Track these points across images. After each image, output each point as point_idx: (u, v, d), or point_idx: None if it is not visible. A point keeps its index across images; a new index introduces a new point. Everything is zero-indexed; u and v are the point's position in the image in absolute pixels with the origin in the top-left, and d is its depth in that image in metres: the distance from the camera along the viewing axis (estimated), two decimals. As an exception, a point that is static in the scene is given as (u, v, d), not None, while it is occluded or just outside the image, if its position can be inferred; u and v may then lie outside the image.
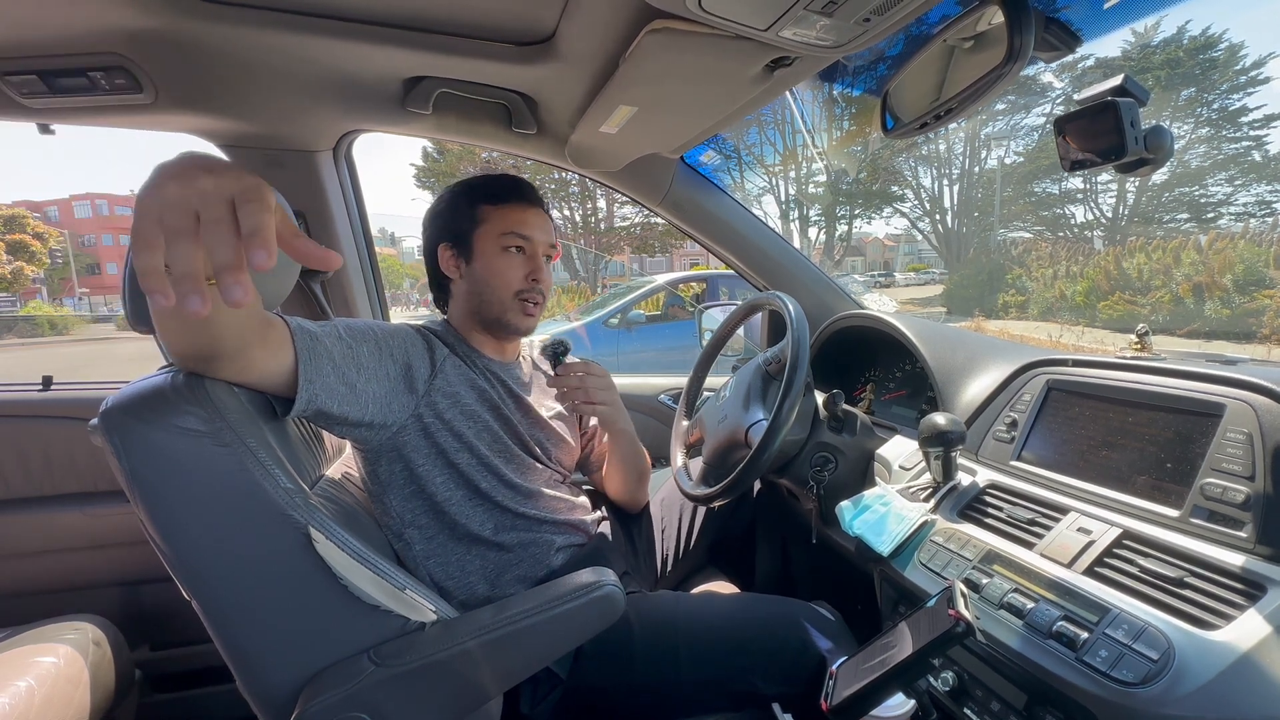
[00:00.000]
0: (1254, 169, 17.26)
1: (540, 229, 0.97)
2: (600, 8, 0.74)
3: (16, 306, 19.68)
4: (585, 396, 0.97)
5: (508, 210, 0.96)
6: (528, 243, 0.96)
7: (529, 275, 0.96)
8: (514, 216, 0.95)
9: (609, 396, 1.00)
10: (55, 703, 0.85)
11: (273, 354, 0.69)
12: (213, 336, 0.61)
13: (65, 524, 1.26)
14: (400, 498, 0.89)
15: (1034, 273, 14.61)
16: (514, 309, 0.96)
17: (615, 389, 1.02)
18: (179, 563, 0.63)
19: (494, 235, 0.95)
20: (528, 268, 0.96)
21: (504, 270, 0.95)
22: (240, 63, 0.92)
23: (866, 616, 1.00)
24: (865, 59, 0.90)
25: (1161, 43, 17.41)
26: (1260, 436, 0.61)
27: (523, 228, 0.95)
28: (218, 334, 0.61)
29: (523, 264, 0.96)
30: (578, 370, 0.98)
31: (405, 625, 0.69)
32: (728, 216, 1.39)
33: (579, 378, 0.97)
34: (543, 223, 0.98)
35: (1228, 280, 10.34)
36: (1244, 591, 0.55)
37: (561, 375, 0.98)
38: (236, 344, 0.64)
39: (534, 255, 0.97)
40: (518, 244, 0.95)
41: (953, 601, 0.56)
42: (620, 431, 1.06)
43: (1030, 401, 0.87)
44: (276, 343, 0.70)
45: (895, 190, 23.32)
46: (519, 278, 0.95)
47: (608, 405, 1.00)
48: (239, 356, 0.65)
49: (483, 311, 0.97)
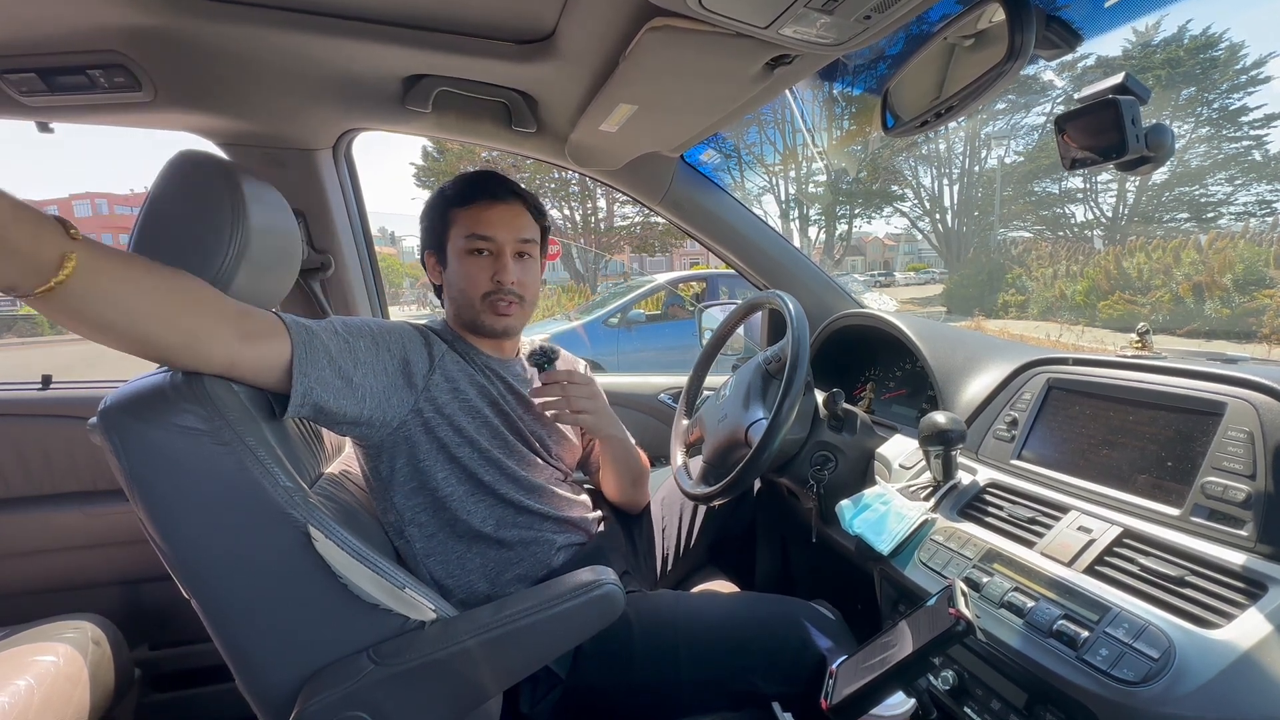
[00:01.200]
0: (1254, 168, 17.24)
1: (505, 226, 0.94)
2: (600, 6, 0.74)
3: (16, 306, 19.67)
4: (568, 406, 0.95)
5: (471, 211, 0.94)
6: (490, 243, 0.94)
7: (493, 276, 0.94)
8: (476, 217, 0.94)
9: (592, 405, 0.98)
10: (54, 702, 0.85)
11: (263, 345, 0.69)
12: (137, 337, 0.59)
13: (64, 523, 1.25)
14: (401, 494, 0.89)
15: (1034, 272, 14.60)
16: (484, 311, 0.95)
17: (601, 396, 1.01)
18: (178, 561, 0.63)
19: (459, 239, 0.94)
20: (492, 269, 0.94)
21: (469, 273, 0.94)
22: (240, 61, 0.91)
23: (866, 615, 1.00)
24: (865, 57, 0.90)
25: (1162, 42, 17.40)
26: (1261, 435, 0.61)
27: (484, 228, 0.93)
28: (139, 334, 0.59)
29: (487, 265, 0.94)
30: (559, 379, 0.96)
31: (405, 624, 0.69)
32: (728, 216, 1.39)
33: (560, 387, 0.95)
34: (509, 218, 0.95)
35: (1228, 280, 10.33)
36: (1245, 590, 0.55)
37: (543, 387, 0.96)
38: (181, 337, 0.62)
39: (499, 254, 0.94)
40: (478, 246, 0.94)
41: (953, 600, 0.56)
42: (609, 437, 1.04)
43: (1030, 400, 0.87)
44: (266, 333, 0.70)
45: (895, 190, 23.30)
46: (485, 280, 0.94)
47: (591, 414, 0.98)
48: (200, 349, 0.64)
49: (461, 315, 0.97)
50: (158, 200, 0.68)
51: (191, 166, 0.70)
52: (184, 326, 0.62)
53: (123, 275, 0.58)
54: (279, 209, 0.78)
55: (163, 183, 0.69)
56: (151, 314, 0.60)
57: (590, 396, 0.98)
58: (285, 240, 0.79)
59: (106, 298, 0.57)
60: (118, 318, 0.58)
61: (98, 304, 0.57)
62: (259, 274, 0.72)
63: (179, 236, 0.66)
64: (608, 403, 1.03)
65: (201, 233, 0.66)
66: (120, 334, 0.59)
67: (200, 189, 0.68)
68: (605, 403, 1.02)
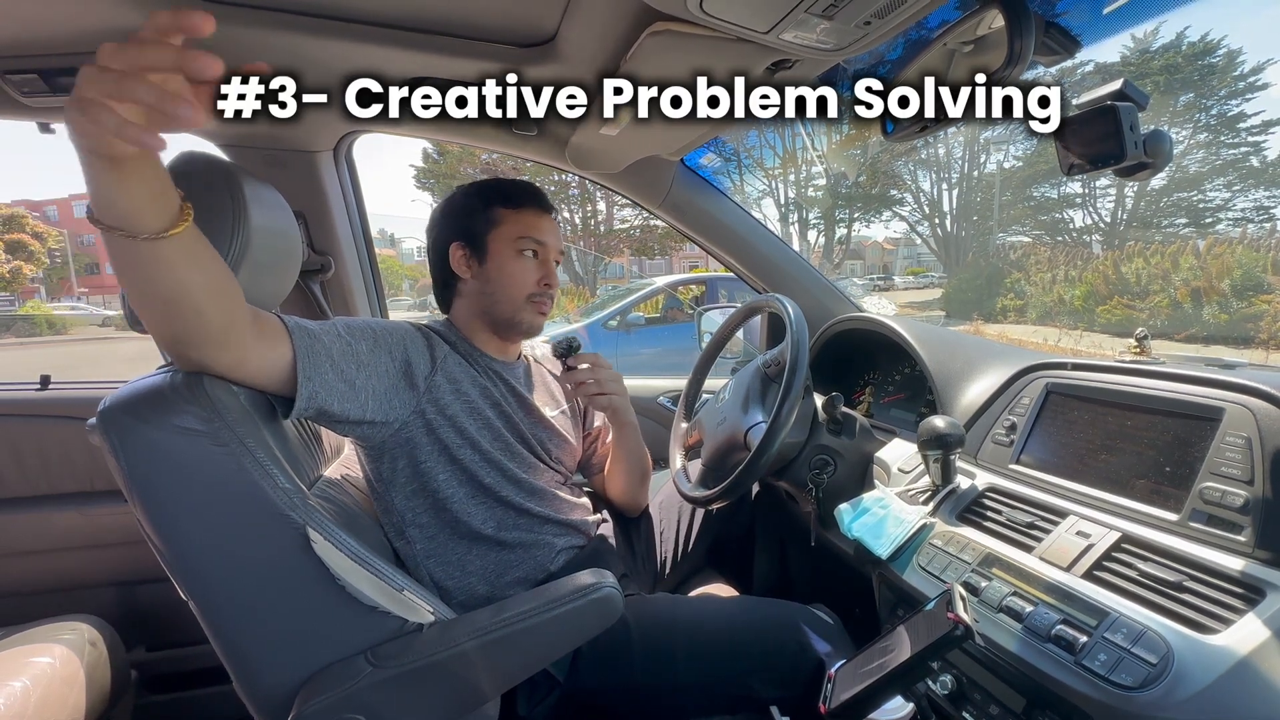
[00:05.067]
0: (1252, 174, 17.29)
1: (553, 235, 0.99)
2: (601, 9, 0.74)
3: (15, 306, 19.66)
4: (597, 388, 0.99)
5: (523, 215, 0.97)
6: (541, 247, 0.98)
7: (541, 279, 0.98)
8: (529, 221, 0.97)
9: (618, 387, 1.02)
10: (50, 703, 0.84)
11: (269, 347, 0.69)
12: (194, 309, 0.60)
13: (62, 523, 1.25)
14: (402, 495, 0.89)
15: (1032, 277, 14.62)
16: (527, 310, 0.98)
17: (623, 382, 1.04)
18: (176, 563, 0.63)
19: (509, 238, 0.96)
20: (541, 272, 0.98)
21: (518, 273, 0.96)
22: (241, 62, 0.91)
23: (865, 620, 1.00)
24: (865, 62, 0.90)
25: (1160, 48, 17.44)
26: (1259, 440, 0.61)
27: (538, 233, 0.97)
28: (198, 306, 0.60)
29: (536, 268, 0.98)
30: (587, 362, 1.01)
31: (403, 626, 0.69)
32: (727, 219, 1.39)
33: (588, 369, 1.00)
34: (554, 229, 1.00)
35: (1226, 285, 10.35)
36: (1243, 595, 0.55)
37: (573, 370, 1.01)
38: (222, 322, 0.63)
39: (546, 260, 0.99)
40: (533, 248, 0.97)
41: (951, 604, 0.56)
42: (628, 424, 1.07)
43: (1029, 405, 0.87)
44: (271, 335, 0.70)
45: (894, 194, 23.36)
46: (532, 281, 0.97)
47: (619, 395, 1.03)
48: (228, 341, 0.64)
49: (494, 311, 0.97)
50: None
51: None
52: (228, 308, 0.63)
53: (208, 245, 0.61)
54: (280, 210, 0.78)
55: None
56: (214, 287, 0.61)
57: (615, 379, 1.03)
58: (286, 241, 0.79)
59: (195, 258, 0.59)
60: (193, 281, 0.59)
61: (187, 262, 0.58)
62: (260, 275, 0.72)
63: None
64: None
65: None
66: (183, 297, 0.60)
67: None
68: (627, 390, 1.05)
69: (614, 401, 1.02)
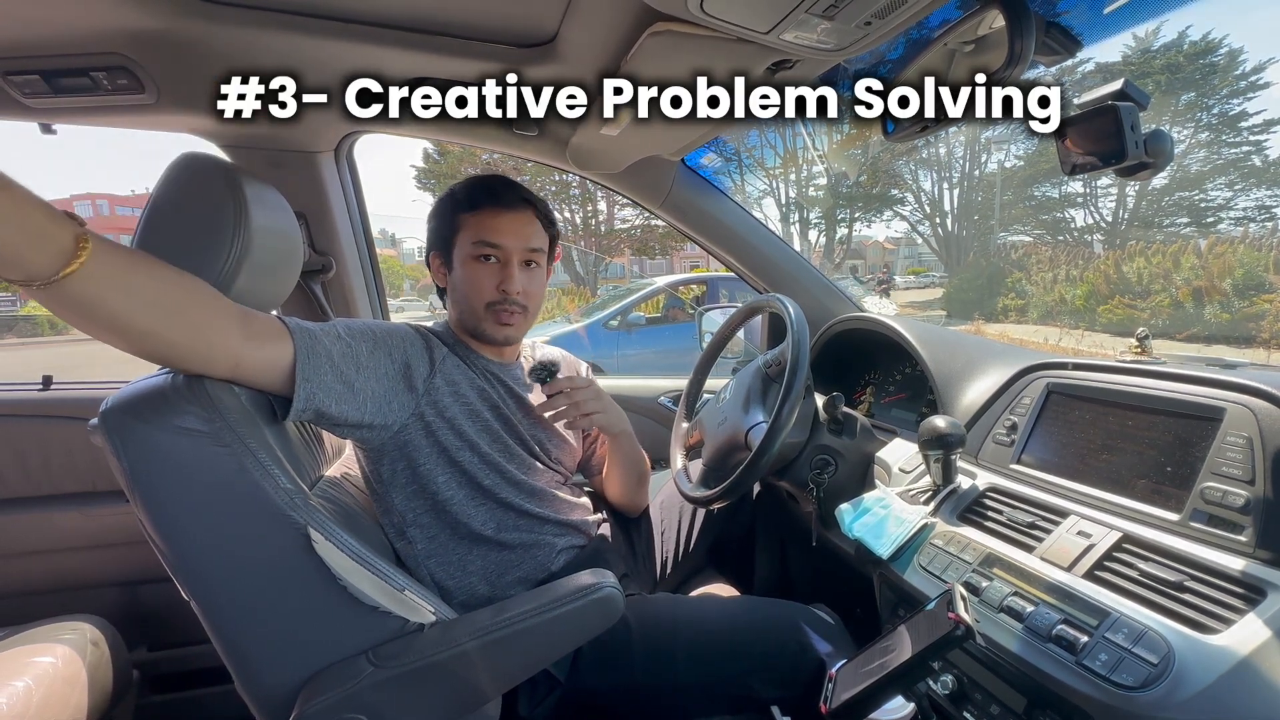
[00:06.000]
0: (1254, 174, 17.26)
1: (514, 234, 0.93)
2: (602, 10, 0.74)
3: (16, 306, 19.68)
4: (577, 412, 0.96)
5: (480, 217, 0.93)
6: (498, 250, 0.92)
7: (499, 285, 0.93)
8: (484, 224, 0.93)
9: (600, 404, 0.99)
10: (53, 703, 0.84)
11: (266, 349, 0.69)
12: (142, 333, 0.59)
13: (64, 524, 1.25)
14: (402, 496, 0.89)
15: (1034, 276, 14.61)
16: (487, 320, 0.94)
17: (605, 394, 1.01)
18: (178, 563, 0.63)
19: (467, 244, 0.93)
20: (499, 277, 0.93)
21: (475, 280, 0.93)
22: (242, 63, 0.92)
23: (866, 620, 1.00)
24: (866, 62, 0.90)
25: (1162, 48, 17.42)
26: (1260, 440, 0.61)
27: (492, 235, 0.92)
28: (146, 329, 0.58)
29: (494, 273, 0.93)
30: (562, 388, 0.96)
31: (404, 626, 0.69)
32: (728, 219, 1.39)
33: (565, 396, 0.96)
34: (518, 226, 0.94)
35: (1227, 285, 10.33)
36: (1244, 596, 0.55)
37: (548, 400, 0.96)
38: (187, 336, 0.62)
39: (506, 263, 0.93)
40: (486, 252, 0.92)
41: (952, 604, 0.56)
42: (621, 434, 1.06)
43: (1030, 405, 0.87)
44: (267, 336, 0.70)
45: (895, 194, 23.34)
46: (490, 288, 0.92)
47: (601, 413, 0.99)
48: (210, 352, 0.64)
49: (463, 320, 0.97)
50: (160, 202, 0.68)
51: (194, 169, 0.70)
52: (192, 321, 0.62)
53: (133, 266, 0.58)
54: (281, 211, 0.78)
55: (165, 185, 0.69)
56: (160, 306, 0.59)
57: (596, 397, 0.98)
58: (287, 242, 0.79)
59: (118, 287, 0.56)
60: (128, 309, 0.57)
61: (109, 294, 0.56)
62: (261, 275, 0.72)
63: (181, 238, 0.66)
64: (611, 399, 1.03)
65: (204, 234, 0.66)
66: (127, 327, 0.58)
67: (202, 191, 0.68)
68: (610, 399, 1.02)
69: (597, 421, 0.98)
